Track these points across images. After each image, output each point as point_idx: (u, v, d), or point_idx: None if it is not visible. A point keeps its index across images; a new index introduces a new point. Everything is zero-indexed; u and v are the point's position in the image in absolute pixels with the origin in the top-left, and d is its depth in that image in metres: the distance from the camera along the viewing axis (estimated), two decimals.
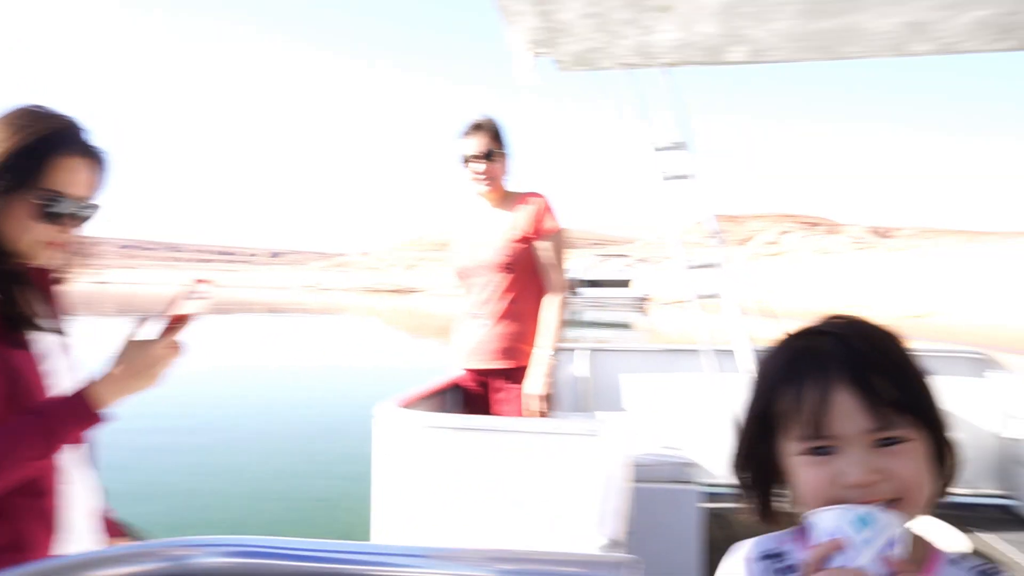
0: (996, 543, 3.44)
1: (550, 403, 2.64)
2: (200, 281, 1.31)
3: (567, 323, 2.80)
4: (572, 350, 4.15)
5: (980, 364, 4.16)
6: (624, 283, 52.81)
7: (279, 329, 32.17)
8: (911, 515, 0.76)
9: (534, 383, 2.65)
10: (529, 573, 0.82)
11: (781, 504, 0.85)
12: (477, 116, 2.86)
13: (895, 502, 0.75)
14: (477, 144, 2.79)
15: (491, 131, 2.82)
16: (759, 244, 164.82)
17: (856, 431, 0.76)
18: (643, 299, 50.49)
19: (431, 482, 1.92)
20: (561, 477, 1.76)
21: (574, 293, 53.74)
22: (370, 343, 26.08)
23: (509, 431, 1.95)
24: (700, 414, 3.85)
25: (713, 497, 3.44)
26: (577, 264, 61.23)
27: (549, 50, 3.55)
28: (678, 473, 2.89)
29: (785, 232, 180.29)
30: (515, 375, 2.70)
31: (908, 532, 0.74)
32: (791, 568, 0.82)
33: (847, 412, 0.76)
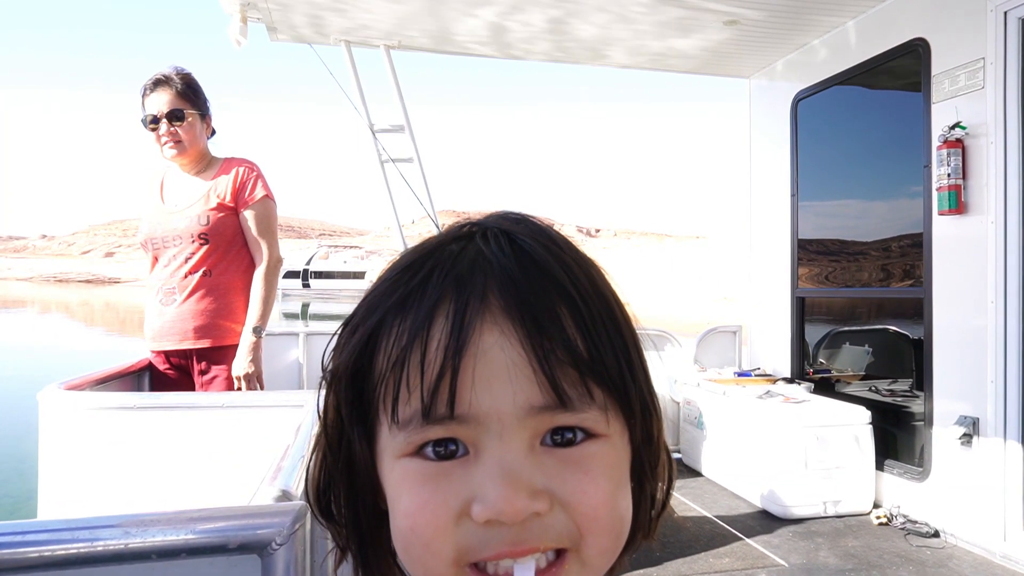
0: None
1: (252, 384, 2.45)
2: None
3: (284, 300, 2.66)
4: (296, 335, 4.13)
5: (661, 340, 4.89)
6: (360, 275, 52.41)
7: None
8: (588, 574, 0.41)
9: (235, 363, 2.46)
10: (203, 530, 0.76)
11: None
12: (164, 69, 2.51)
13: (562, 555, 0.40)
14: (162, 103, 2.46)
15: (180, 87, 2.49)
16: None
17: (511, 410, 0.39)
18: None
19: (100, 462, 1.81)
20: (225, 448, 1.77)
21: (306, 284, 52.10)
22: (47, 337, 22.69)
23: (172, 408, 1.88)
24: None
25: None
26: (307, 255, 59.35)
27: (261, 16, 3.35)
28: None
29: None
30: (217, 355, 2.48)
31: None
32: None
33: (497, 371, 0.39)
